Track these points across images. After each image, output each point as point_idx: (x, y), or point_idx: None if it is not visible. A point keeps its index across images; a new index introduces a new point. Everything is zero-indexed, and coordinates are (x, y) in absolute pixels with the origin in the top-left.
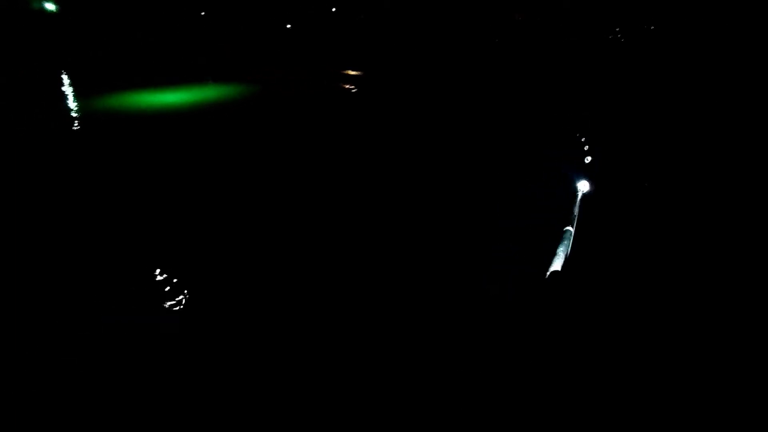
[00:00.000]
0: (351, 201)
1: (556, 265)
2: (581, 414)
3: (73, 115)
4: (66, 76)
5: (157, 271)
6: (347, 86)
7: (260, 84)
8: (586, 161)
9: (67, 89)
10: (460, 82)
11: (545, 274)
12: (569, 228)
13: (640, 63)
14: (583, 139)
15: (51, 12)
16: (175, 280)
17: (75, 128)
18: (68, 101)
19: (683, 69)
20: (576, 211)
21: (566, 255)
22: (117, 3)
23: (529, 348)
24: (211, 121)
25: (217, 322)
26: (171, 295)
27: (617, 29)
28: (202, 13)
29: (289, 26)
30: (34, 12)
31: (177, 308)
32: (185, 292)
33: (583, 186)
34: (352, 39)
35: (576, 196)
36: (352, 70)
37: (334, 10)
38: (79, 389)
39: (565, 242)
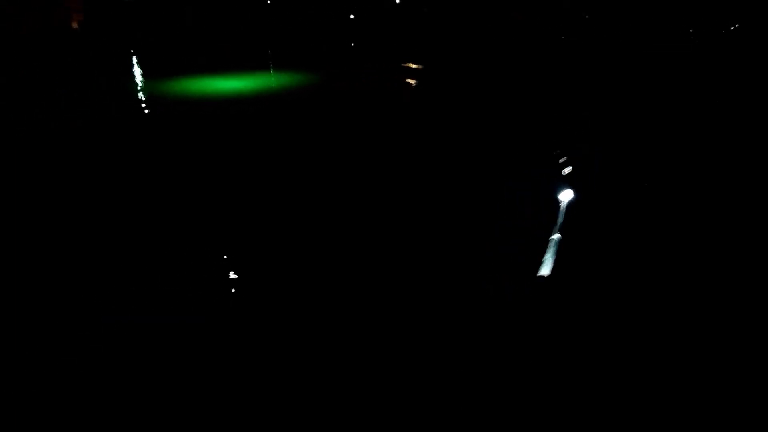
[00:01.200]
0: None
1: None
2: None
3: (141, 98)
4: (136, 60)
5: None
6: (407, 80)
7: (321, 74)
8: (568, 169)
9: (137, 72)
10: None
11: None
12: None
13: (641, 63)
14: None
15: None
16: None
17: (141, 111)
18: (138, 85)
19: (684, 69)
20: (561, 218)
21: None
22: None
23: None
24: (271, 109)
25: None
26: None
27: (617, 29)
28: (268, 1)
29: (352, 16)
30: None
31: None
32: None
33: (567, 194)
34: (414, 32)
35: (560, 203)
36: (414, 64)
37: (398, 1)
38: (79, 389)
39: (552, 249)
